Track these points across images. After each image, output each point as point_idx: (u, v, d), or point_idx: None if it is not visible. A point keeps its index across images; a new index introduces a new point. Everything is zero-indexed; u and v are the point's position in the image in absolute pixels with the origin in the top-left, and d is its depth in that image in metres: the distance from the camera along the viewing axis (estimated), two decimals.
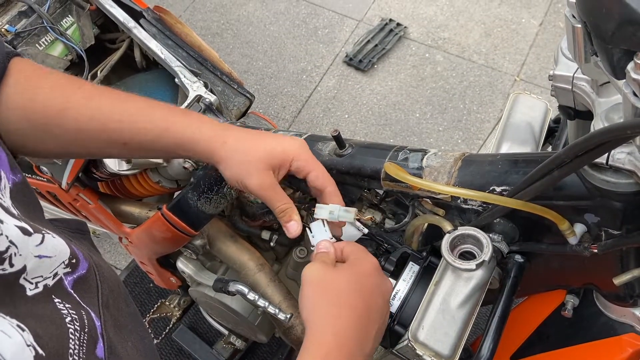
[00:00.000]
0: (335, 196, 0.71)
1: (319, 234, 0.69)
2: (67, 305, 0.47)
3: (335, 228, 0.72)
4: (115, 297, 0.57)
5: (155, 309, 1.58)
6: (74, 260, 0.52)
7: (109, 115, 0.67)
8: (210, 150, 0.69)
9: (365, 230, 0.81)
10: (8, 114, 0.63)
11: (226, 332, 1.40)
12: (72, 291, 0.50)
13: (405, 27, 2.40)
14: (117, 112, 0.67)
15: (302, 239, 1.08)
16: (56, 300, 0.47)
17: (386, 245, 0.85)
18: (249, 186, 0.68)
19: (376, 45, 2.32)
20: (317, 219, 0.70)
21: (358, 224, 0.77)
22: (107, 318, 0.53)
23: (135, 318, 0.62)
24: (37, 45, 1.12)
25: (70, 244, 0.53)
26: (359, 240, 0.84)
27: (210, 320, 1.40)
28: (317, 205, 0.70)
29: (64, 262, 0.50)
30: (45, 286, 0.47)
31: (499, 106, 2.17)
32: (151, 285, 1.76)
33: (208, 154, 0.69)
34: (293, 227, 0.69)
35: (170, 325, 1.60)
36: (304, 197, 0.98)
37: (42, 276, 0.47)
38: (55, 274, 0.49)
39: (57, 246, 0.50)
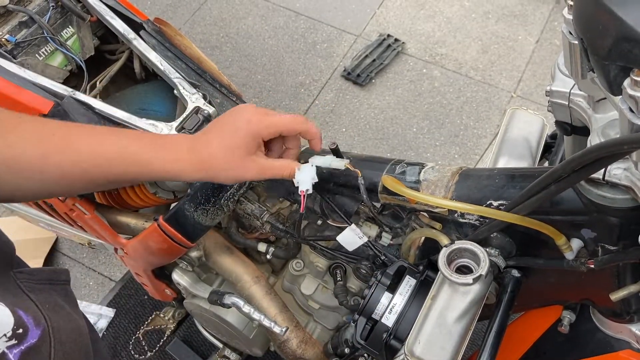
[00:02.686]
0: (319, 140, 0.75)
1: (304, 181, 0.72)
2: None
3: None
4: None
5: (149, 321, 1.57)
6: (20, 331, 0.49)
7: (90, 159, 0.67)
8: (197, 167, 0.69)
9: (365, 239, 0.81)
10: None
11: (221, 345, 1.38)
12: None
13: (403, 42, 2.42)
14: (97, 155, 0.67)
15: (298, 251, 1.08)
16: None
17: (383, 258, 0.85)
18: (248, 177, 0.71)
19: (374, 60, 2.34)
20: (306, 164, 0.72)
21: (359, 231, 0.77)
22: None
23: None
24: (37, 55, 1.12)
25: (17, 311, 0.50)
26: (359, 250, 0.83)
27: (204, 333, 1.39)
28: (312, 157, 0.74)
29: (5, 334, 0.48)
30: None
31: (496, 122, 2.18)
32: (146, 297, 1.75)
33: (195, 172, 0.70)
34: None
35: (164, 338, 1.59)
36: None
37: None
38: None
39: None
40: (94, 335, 0.64)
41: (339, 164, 0.73)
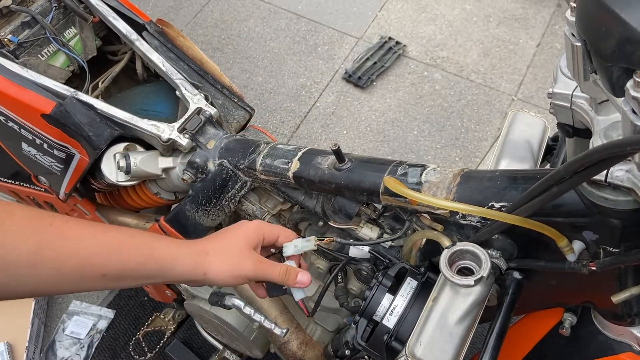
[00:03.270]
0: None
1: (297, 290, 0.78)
2: None
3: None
4: None
5: (149, 322, 1.57)
6: None
7: (90, 250, 0.63)
8: (195, 267, 0.69)
9: (367, 249, 0.81)
10: None
11: (221, 347, 1.38)
12: None
13: (404, 45, 2.42)
14: (99, 245, 0.64)
15: None
16: None
17: (386, 262, 0.85)
18: (246, 273, 0.71)
19: (375, 63, 2.34)
20: (289, 259, 0.78)
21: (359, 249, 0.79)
22: None
23: None
24: (39, 55, 1.12)
25: None
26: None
27: (204, 334, 1.38)
28: (283, 246, 0.78)
29: None
30: None
31: (497, 125, 2.18)
32: (146, 298, 1.75)
33: (193, 271, 0.69)
34: (304, 278, 0.76)
35: (164, 339, 1.58)
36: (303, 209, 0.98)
37: None
38: None
39: None
40: None
41: (309, 244, 0.77)
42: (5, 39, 1.09)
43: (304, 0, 2.63)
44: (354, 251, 0.83)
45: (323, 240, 0.80)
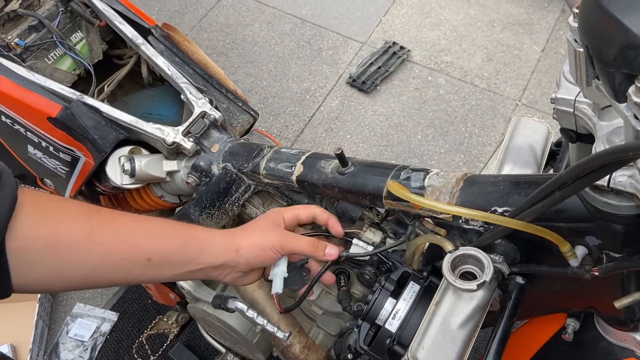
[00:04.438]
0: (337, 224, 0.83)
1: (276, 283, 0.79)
2: None
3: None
4: None
5: (152, 325, 1.57)
6: None
7: (136, 233, 0.66)
8: (229, 244, 0.73)
9: (370, 248, 0.81)
10: (26, 243, 0.57)
11: (223, 350, 1.38)
12: None
13: (408, 50, 2.43)
14: (143, 228, 0.68)
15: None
16: None
17: (389, 265, 0.85)
18: (272, 242, 0.75)
19: (379, 68, 2.35)
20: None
21: (362, 243, 0.78)
22: None
23: None
24: (46, 59, 1.13)
25: None
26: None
27: (207, 337, 1.39)
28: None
29: None
30: None
31: (501, 130, 2.18)
32: (149, 301, 1.75)
33: (227, 249, 0.73)
34: (332, 251, 0.78)
35: (167, 342, 1.59)
36: None
37: None
38: None
39: None
40: None
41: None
42: (13, 43, 1.10)
43: (309, 5, 2.64)
44: (355, 249, 0.82)
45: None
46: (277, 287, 0.78)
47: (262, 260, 0.76)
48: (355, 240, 0.79)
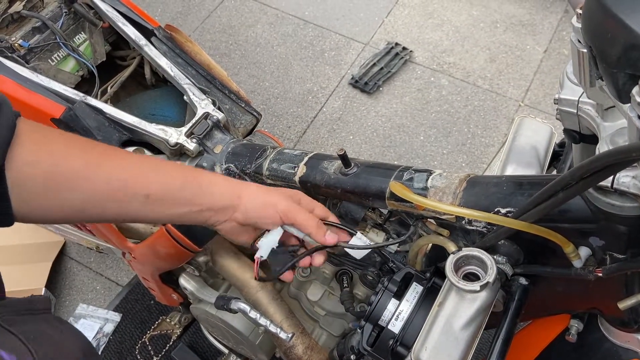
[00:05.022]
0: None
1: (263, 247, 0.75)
2: None
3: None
4: None
5: (155, 326, 1.57)
6: None
7: (135, 167, 0.66)
8: (232, 189, 0.71)
9: (371, 243, 0.80)
10: (27, 171, 0.58)
11: (226, 351, 1.39)
12: None
13: (411, 51, 2.43)
14: (142, 163, 0.67)
15: None
16: None
17: (391, 265, 0.85)
18: (276, 200, 0.72)
19: (382, 68, 2.35)
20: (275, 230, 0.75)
21: (365, 239, 0.77)
22: None
23: None
24: (49, 60, 1.14)
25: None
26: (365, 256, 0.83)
27: (210, 338, 1.39)
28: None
29: None
30: None
31: (503, 131, 2.18)
32: (152, 302, 1.75)
33: (231, 194, 0.71)
34: (330, 237, 0.74)
35: (170, 343, 1.59)
36: None
37: None
38: None
39: None
40: (91, 355, 0.61)
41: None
42: (16, 44, 1.10)
43: (311, 6, 2.64)
44: (355, 241, 0.80)
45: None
46: (263, 251, 0.74)
47: (260, 216, 0.72)
48: (358, 235, 0.77)
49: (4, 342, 0.48)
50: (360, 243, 0.76)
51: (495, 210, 0.65)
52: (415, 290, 0.73)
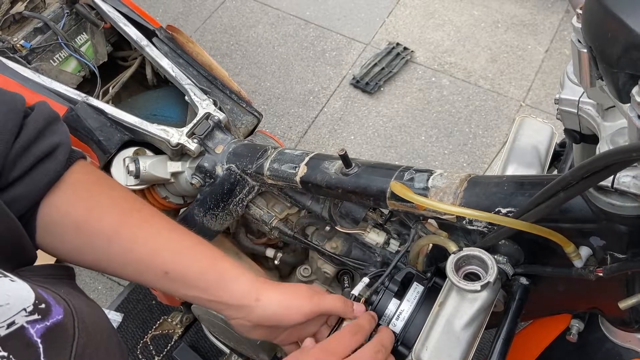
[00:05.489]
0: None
1: None
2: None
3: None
4: (95, 345, 0.52)
5: (157, 326, 1.57)
6: (42, 306, 0.46)
7: (162, 244, 0.65)
8: (252, 289, 0.67)
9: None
10: (57, 218, 0.60)
11: (228, 350, 1.39)
12: (38, 341, 0.45)
13: (412, 51, 2.43)
14: (171, 242, 0.66)
15: (306, 258, 1.08)
16: (1, 354, 0.41)
17: (393, 271, 0.85)
18: (300, 301, 0.68)
19: (383, 69, 2.35)
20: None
21: (366, 279, 0.78)
22: None
23: None
24: (51, 61, 1.14)
25: (36, 289, 0.47)
26: (367, 256, 0.83)
27: (212, 338, 1.39)
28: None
29: (25, 309, 0.44)
30: None
31: (505, 131, 2.18)
32: (154, 302, 1.75)
33: (248, 293, 0.67)
34: (359, 307, 0.72)
35: (172, 343, 1.59)
36: (310, 215, 0.98)
37: None
38: (12, 323, 0.43)
39: (12, 290, 0.45)
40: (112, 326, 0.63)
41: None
42: (18, 45, 1.11)
43: (312, 7, 2.65)
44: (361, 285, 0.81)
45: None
46: None
47: (279, 320, 0.68)
48: (365, 279, 0.78)
49: (40, 287, 0.49)
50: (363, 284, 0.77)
51: (496, 210, 0.65)
52: (416, 290, 0.73)
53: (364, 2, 2.65)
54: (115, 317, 1.85)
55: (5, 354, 0.41)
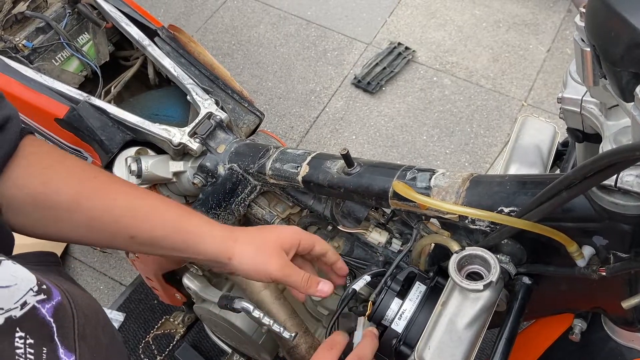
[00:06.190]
0: (344, 266, 0.79)
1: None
2: (29, 341, 0.42)
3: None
4: (92, 325, 0.52)
5: (159, 325, 1.58)
6: (44, 287, 0.47)
7: (123, 210, 0.65)
8: (222, 248, 0.69)
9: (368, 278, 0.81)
10: (15, 192, 0.59)
11: (230, 350, 1.39)
12: (51, 320, 0.45)
13: (413, 50, 2.42)
14: (131, 207, 0.66)
15: None
16: (18, 335, 0.42)
17: (395, 271, 0.84)
18: (271, 270, 0.70)
19: (384, 68, 2.35)
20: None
21: (367, 277, 0.79)
22: (84, 351, 0.48)
23: (114, 348, 0.57)
24: (53, 60, 1.14)
25: (34, 272, 0.48)
26: (369, 256, 0.83)
27: (213, 338, 1.39)
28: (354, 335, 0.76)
29: (32, 289, 0.45)
30: (8, 319, 0.42)
31: (506, 130, 2.17)
32: (155, 302, 1.76)
33: (218, 252, 0.69)
34: (325, 287, 0.74)
35: (174, 343, 1.59)
36: (312, 214, 0.98)
37: (2, 308, 0.42)
38: (24, 303, 0.43)
39: (17, 272, 0.45)
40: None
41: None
42: (20, 45, 1.11)
43: (314, 6, 2.65)
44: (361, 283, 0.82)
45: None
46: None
47: (253, 277, 0.71)
48: (365, 277, 0.79)
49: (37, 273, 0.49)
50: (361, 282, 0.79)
51: (499, 209, 0.65)
52: (418, 290, 0.73)
53: (366, 2, 2.65)
54: (117, 317, 1.86)
55: (23, 334, 0.42)
